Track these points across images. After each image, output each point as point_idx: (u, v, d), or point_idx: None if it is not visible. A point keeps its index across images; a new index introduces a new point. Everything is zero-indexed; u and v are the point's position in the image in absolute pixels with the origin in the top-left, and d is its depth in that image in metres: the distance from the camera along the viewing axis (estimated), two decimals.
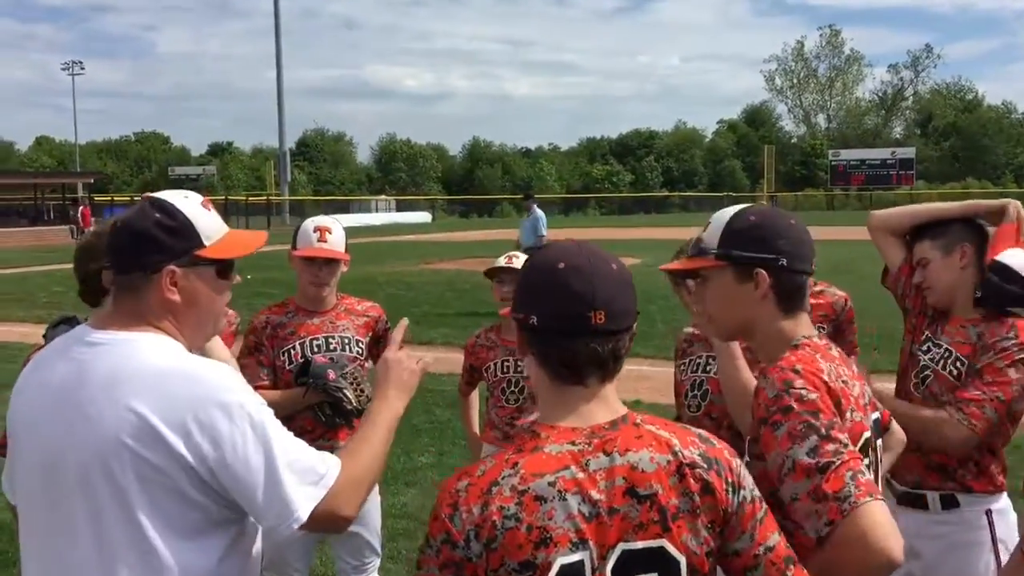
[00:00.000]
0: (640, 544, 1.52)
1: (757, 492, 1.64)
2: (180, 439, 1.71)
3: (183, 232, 1.88)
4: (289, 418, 3.61)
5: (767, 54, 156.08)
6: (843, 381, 1.94)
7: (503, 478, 1.51)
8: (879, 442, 2.10)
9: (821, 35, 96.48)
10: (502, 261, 4.24)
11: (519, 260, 4.12)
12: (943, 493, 2.94)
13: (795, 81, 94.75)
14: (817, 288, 3.42)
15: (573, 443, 1.55)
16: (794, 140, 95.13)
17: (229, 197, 60.40)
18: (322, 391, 3.55)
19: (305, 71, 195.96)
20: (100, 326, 1.88)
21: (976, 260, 2.97)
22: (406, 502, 6.29)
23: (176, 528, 1.75)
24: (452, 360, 10.66)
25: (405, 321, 2.32)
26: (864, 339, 3.46)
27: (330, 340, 3.76)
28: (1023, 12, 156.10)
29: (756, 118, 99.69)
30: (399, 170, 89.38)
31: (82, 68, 79.55)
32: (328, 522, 1.82)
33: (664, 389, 5.44)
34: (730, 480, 1.59)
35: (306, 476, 1.79)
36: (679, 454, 1.57)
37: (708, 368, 3.02)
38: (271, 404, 3.50)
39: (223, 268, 1.96)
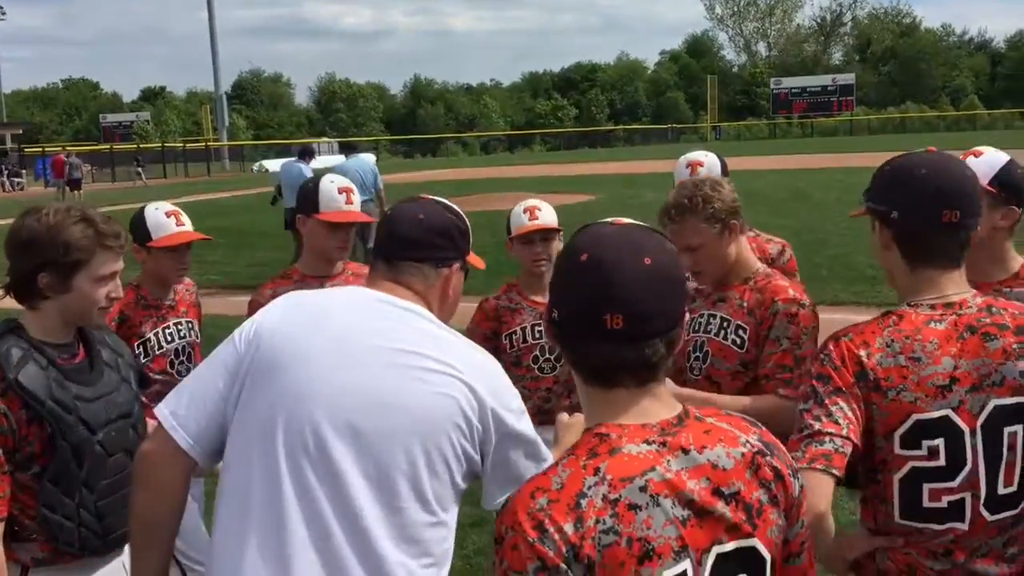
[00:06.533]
0: (731, 545, 1.39)
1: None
2: (483, 427, 1.80)
3: (466, 237, 2.08)
4: None
5: None
6: (912, 358, 1.87)
7: (589, 488, 1.34)
8: (1016, 429, 1.88)
9: None
10: (524, 216, 3.47)
11: (544, 212, 3.49)
12: None
13: (736, 9, 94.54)
14: (751, 233, 3.32)
15: (648, 441, 1.40)
16: (735, 69, 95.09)
17: (165, 144, 58.79)
18: None
19: (239, 10, 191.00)
20: (391, 291, 1.92)
21: None
22: None
23: (448, 497, 1.83)
24: None
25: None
26: (822, 271, 3.39)
27: None
28: None
29: (698, 48, 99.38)
30: (339, 111, 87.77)
31: (3, 13, 76.21)
32: None
33: None
34: (790, 464, 1.49)
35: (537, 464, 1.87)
36: (747, 444, 1.45)
37: (709, 327, 2.82)
38: None
39: (466, 273, 2.13)
